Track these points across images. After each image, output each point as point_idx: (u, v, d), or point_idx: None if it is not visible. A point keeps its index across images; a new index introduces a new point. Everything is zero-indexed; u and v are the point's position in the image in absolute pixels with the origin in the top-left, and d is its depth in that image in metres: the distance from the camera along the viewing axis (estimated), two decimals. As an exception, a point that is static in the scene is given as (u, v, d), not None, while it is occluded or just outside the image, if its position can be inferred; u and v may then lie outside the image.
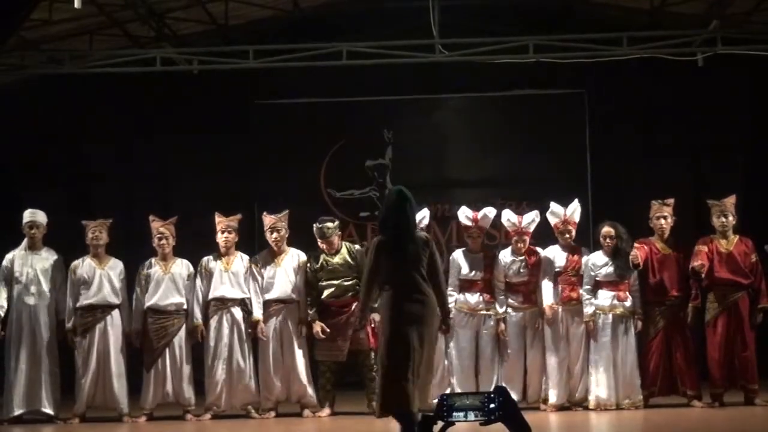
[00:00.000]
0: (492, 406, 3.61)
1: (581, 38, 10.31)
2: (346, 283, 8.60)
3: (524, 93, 12.07)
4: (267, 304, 8.69)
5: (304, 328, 8.68)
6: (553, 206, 8.71)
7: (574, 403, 8.54)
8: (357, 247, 8.89)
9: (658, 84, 11.70)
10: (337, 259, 8.65)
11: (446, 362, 8.66)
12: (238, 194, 11.50)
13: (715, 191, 9.16)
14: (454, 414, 3.64)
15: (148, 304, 8.62)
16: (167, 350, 8.57)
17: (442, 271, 6.61)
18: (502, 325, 8.56)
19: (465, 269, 8.66)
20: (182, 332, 8.64)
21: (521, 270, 8.62)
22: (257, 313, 8.64)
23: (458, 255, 8.78)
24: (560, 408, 8.47)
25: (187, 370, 8.63)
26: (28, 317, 8.63)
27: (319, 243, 8.70)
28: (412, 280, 6.31)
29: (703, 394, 8.54)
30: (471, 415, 3.64)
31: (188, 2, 11.04)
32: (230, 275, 8.68)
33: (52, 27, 10.48)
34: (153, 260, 8.74)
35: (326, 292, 8.62)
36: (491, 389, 8.15)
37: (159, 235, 8.69)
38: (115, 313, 8.64)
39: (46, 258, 8.73)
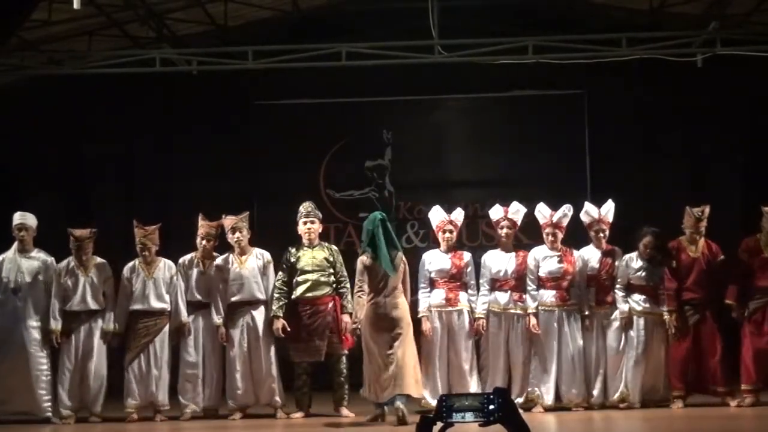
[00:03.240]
0: (491, 407, 3.61)
1: (581, 39, 10.31)
2: (322, 279, 8.54)
3: (524, 94, 12.09)
4: (233, 306, 8.68)
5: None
6: (587, 206, 8.73)
7: (613, 402, 8.52)
8: (334, 246, 8.89)
9: (658, 84, 11.70)
10: (315, 253, 8.60)
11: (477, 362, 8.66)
12: (238, 195, 11.50)
13: (714, 192, 9.18)
14: (454, 415, 3.64)
15: (132, 307, 8.64)
16: (149, 350, 8.58)
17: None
18: (534, 320, 8.52)
19: (495, 268, 8.63)
20: (163, 333, 8.66)
21: (555, 266, 8.57)
22: (216, 317, 8.64)
23: (489, 256, 8.75)
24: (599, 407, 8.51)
25: (165, 371, 8.65)
26: (14, 319, 8.60)
27: (301, 231, 8.65)
28: (391, 290, 7.83)
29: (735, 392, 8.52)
30: (470, 416, 3.63)
31: (187, 3, 11.04)
32: (205, 279, 8.74)
33: (52, 27, 10.48)
34: (137, 263, 8.76)
35: (300, 288, 8.54)
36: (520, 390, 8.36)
37: (140, 246, 8.73)
38: (99, 316, 8.65)
39: (36, 260, 8.71)
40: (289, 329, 8.48)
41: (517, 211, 8.72)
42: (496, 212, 8.80)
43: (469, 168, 12.23)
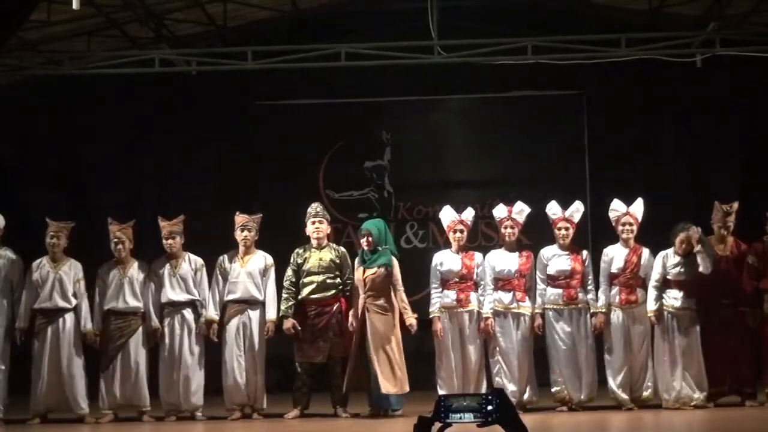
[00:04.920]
0: (489, 407, 3.61)
1: (580, 39, 10.30)
2: (329, 281, 8.54)
3: (523, 94, 12.08)
4: (228, 304, 8.66)
5: (272, 327, 8.62)
6: (615, 202, 8.68)
7: (640, 403, 8.49)
8: (342, 248, 8.90)
9: (657, 85, 11.71)
10: (322, 254, 8.60)
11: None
12: (237, 195, 11.50)
13: (713, 192, 9.17)
14: (451, 415, 3.64)
15: (106, 306, 8.61)
16: (122, 352, 8.56)
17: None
18: (539, 320, 8.50)
19: (499, 267, 8.59)
20: (138, 334, 8.62)
21: (564, 265, 8.53)
22: (211, 313, 8.62)
23: (492, 255, 8.71)
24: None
25: (142, 371, 8.61)
26: None
27: (309, 232, 8.65)
28: None
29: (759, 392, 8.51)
30: (468, 417, 3.64)
31: (187, 3, 11.04)
32: (178, 279, 8.67)
33: (51, 28, 10.48)
34: (111, 263, 8.73)
35: (306, 290, 8.53)
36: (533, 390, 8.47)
37: (115, 240, 8.68)
38: (69, 315, 8.59)
39: (2, 258, 8.66)
40: (299, 328, 8.48)
41: (521, 210, 8.68)
42: (499, 212, 8.77)
43: (469, 168, 12.23)
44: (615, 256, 8.59)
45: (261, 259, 8.74)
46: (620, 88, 11.83)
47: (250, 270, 8.66)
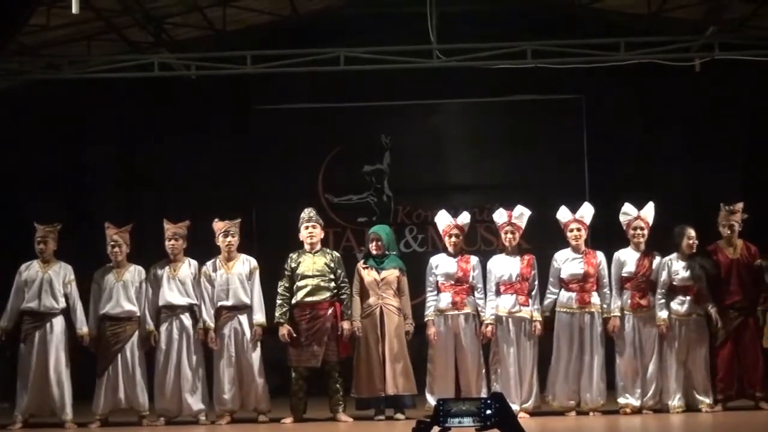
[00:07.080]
0: (488, 412, 3.62)
1: (579, 44, 10.31)
2: (323, 284, 8.54)
3: (522, 98, 12.09)
4: (219, 311, 8.65)
5: (259, 331, 8.58)
6: (626, 206, 8.65)
7: (648, 407, 8.46)
8: (336, 253, 8.90)
9: (656, 89, 11.72)
10: (316, 258, 8.60)
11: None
12: (237, 199, 11.53)
13: (713, 196, 9.17)
14: (450, 419, 3.65)
15: (102, 311, 8.58)
16: (119, 356, 8.53)
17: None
18: (539, 326, 8.47)
19: (500, 272, 8.56)
20: (134, 338, 8.60)
21: (577, 268, 8.48)
22: (208, 321, 8.60)
23: (493, 261, 8.67)
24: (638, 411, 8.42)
25: (139, 376, 8.58)
26: None
27: (302, 237, 8.66)
28: None
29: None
30: (467, 421, 3.65)
31: (186, 8, 11.06)
32: (177, 282, 8.65)
33: (51, 32, 10.49)
34: (107, 267, 8.71)
35: (301, 293, 8.53)
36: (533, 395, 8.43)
37: (112, 243, 8.66)
38: (57, 319, 8.57)
39: None
40: (294, 335, 8.48)
41: (521, 215, 8.62)
42: (499, 216, 8.72)
43: (468, 172, 12.24)
44: (627, 259, 8.56)
45: (246, 263, 8.75)
46: (619, 92, 11.85)
47: (236, 275, 8.66)
